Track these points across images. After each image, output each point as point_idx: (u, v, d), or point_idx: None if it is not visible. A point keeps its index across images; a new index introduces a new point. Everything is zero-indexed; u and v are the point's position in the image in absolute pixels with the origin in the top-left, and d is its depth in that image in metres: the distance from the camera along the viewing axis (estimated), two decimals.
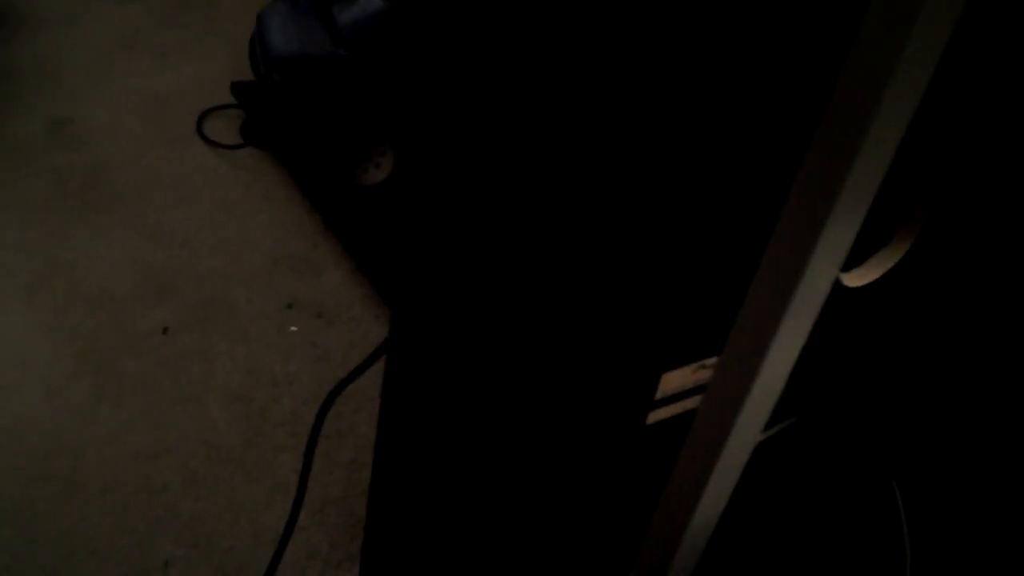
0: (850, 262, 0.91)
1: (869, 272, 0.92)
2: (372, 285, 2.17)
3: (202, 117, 2.71)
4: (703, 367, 0.86)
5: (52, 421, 1.75)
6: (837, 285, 0.88)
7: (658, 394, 0.84)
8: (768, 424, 0.76)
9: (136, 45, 3.13)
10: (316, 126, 2.27)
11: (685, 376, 0.85)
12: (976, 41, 0.73)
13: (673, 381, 0.84)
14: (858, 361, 1.04)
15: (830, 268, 0.64)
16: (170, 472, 1.69)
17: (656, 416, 0.86)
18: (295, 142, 2.42)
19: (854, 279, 0.91)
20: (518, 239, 0.88)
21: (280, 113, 2.35)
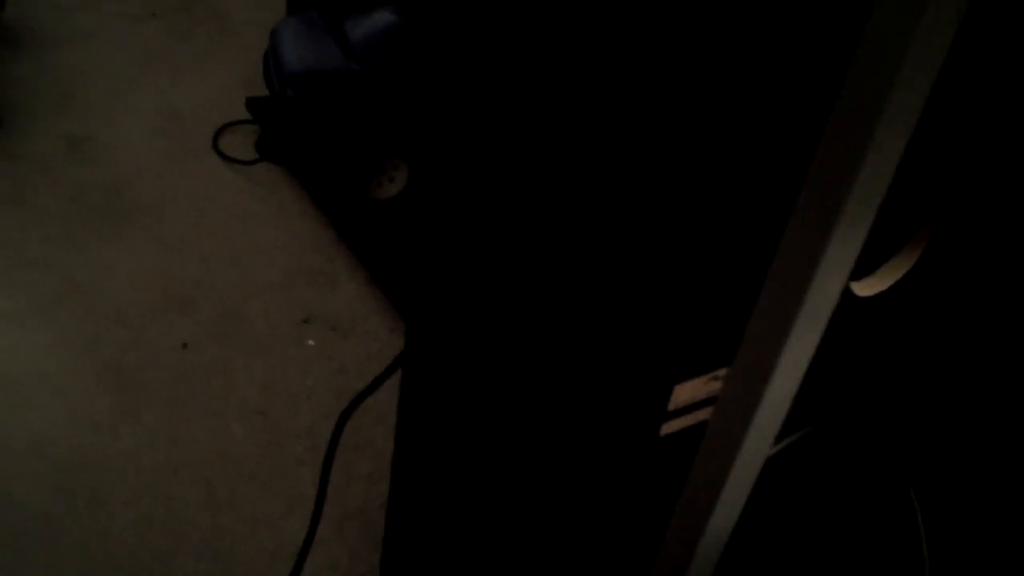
0: (861, 272, 0.91)
1: (880, 281, 0.92)
2: (387, 298, 2.18)
3: (218, 133, 2.74)
4: (715, 378, 0.86)
5: (74, 436, 1.76)
6: (848, 295, 0.88)
7: (671, 406, 0.84)
8: (783, 433, 0.76)
9: (152, 62, 3.16)
10: (330, 140, 2.29)
11: (697, 388, 0.85)
12: (981, 50, 0.73)
13: (685, 393, 0.85)
14: (875, 370, 1.04)
15: (838, 277, 0.64)
16: (190, 486, 1.70)
17: (669, 428, 0.86)
18: (309, 156, 2.44)
19: (865, 288, 0.91)
20: (531, 252, 0.88)
21: (294, 128, 2.37)
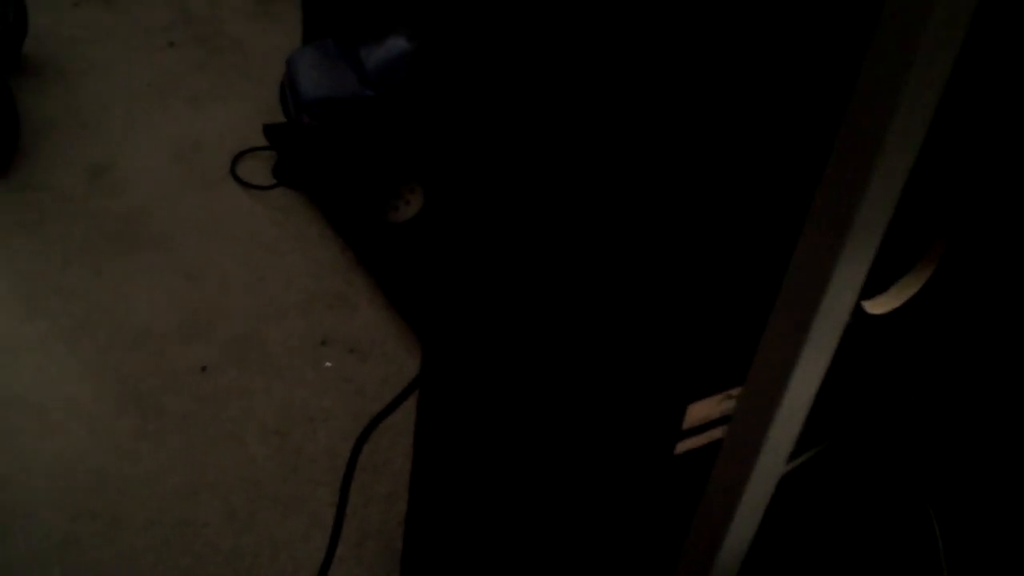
0: (874, 290, 0.92)
1: (893, 299, 0.93)
2: (404, 320, 2.20)
3: (235, 159, 2.78)
4: (729, 397, 0.87)
5: (96, 458, 1.79)
6: (860, 313, 0.89)
7: (685, 424, 0.85)
8: (798, 450, 0.77)
9: (169, 91, 3.21)
10: (346, 165, 2.32)
11: (711, 406, 0.87)
12: (990, 62, 0.75)
13: (699, 411, 0.86)
14: (890, 386, 1.04)
15: (849, 296, 0.65)
16: (210, 508, 1.72)
17: (684, 446, 0.87)
18: (326, 181, 2.47)
19: (877, 306, 0.92)
20: (545, 273, 0.90)
21: (311, 153, 2.41)
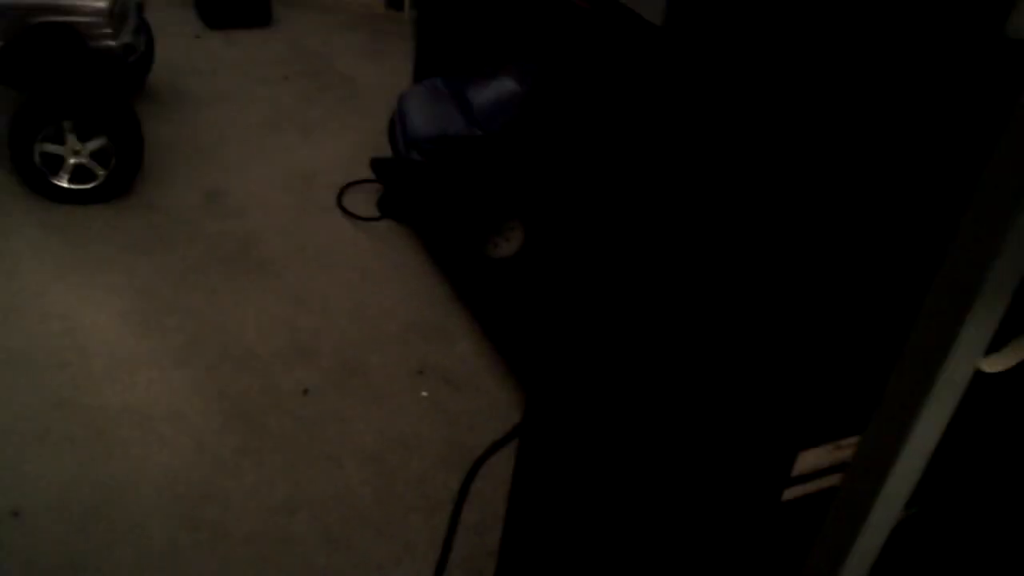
0: (989, 348, 0.91)
1: (1008, 358, 0.92)
2: (499, 354, 2.25)
3: (342, 190, 2.89)
4: (839, 447, 0.88)
5: (201, 472, 1.87)
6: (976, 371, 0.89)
7: (794, 471, 0.86)
8: (911, 502, 0.77)
9: (283, 123, 3.37)
10: (451, 201, 2.39)
11: (821, 456, 0.87)
12: None
13: (809, 460, 0.87)
14: (1001, 444, 1.03)
15: (973, 353, 0.66)
16: (307, 526, 1.78)
17: (791, 494, 0.88)
18: (430, 216, 2.55)
19: (993, 365, 0.91)
20: (656, 323, 0.93)
21: (418, 188, 2.49)
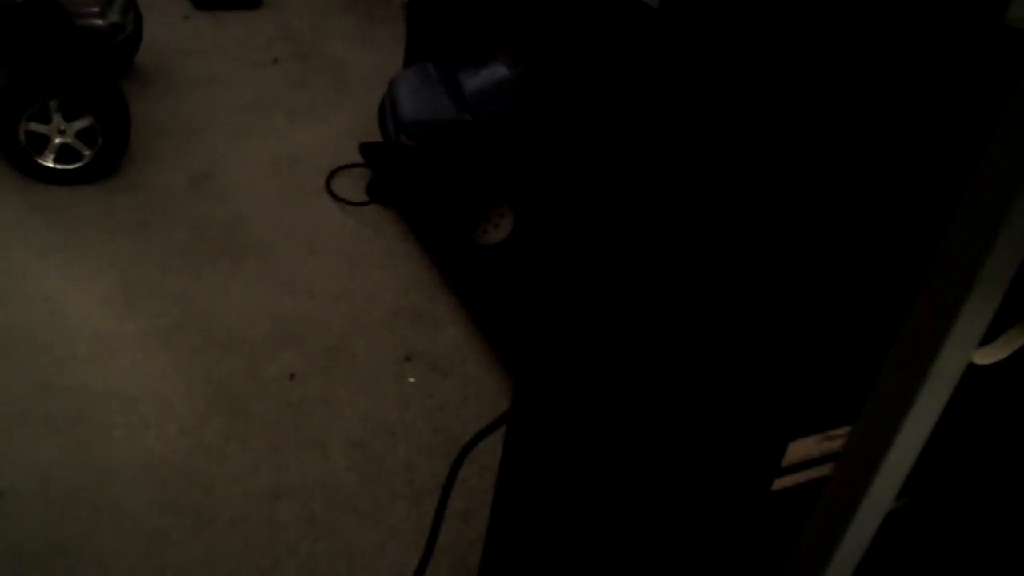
0: (982, 340, 0.91)
1: (1000, 350, 0.92)
2: (487, 340, 2.23)
3: (331, 175, 2.86)
4: (829, 438, 0.87)
5: (184, 456, 1.85)
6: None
7: (784, 461, 0.86)
8: (902, 494, 0.76)
9: (271, 106, 3.33)
10: (440, 186, 2.37)
11: (811, 446, 0.87)
12: None
13: (799, 450, 0.86)
14: (987, 439, 1.03)
15: (968, 345, 0.65)
16: (291, 512, 1.76)
17: (781, 483, 0.87)
18: (419, 201, 2.53)
19: (986, 356, 0.91)
20: (646, 309, 0.91)
21: (407, 173, 2.47)
